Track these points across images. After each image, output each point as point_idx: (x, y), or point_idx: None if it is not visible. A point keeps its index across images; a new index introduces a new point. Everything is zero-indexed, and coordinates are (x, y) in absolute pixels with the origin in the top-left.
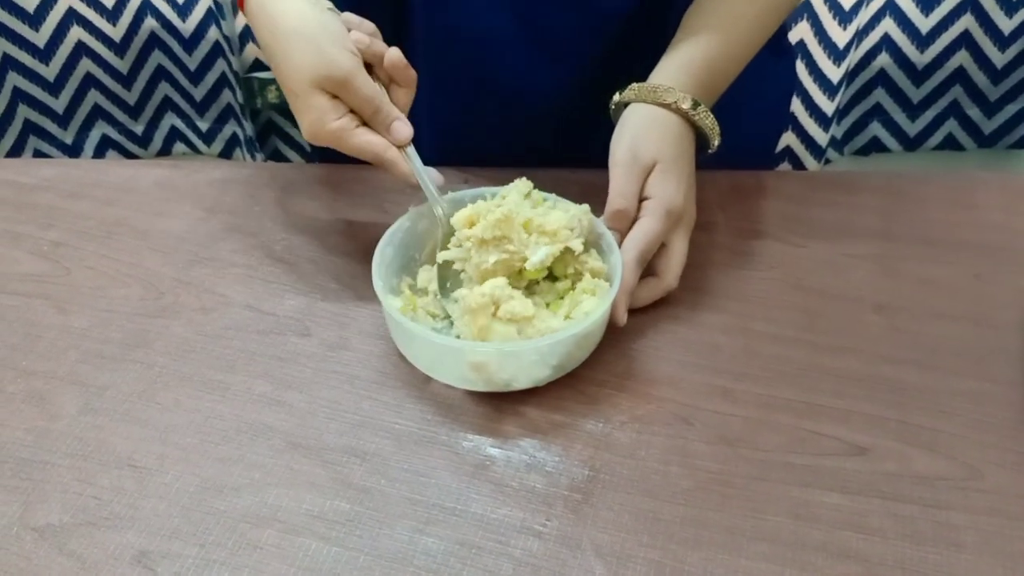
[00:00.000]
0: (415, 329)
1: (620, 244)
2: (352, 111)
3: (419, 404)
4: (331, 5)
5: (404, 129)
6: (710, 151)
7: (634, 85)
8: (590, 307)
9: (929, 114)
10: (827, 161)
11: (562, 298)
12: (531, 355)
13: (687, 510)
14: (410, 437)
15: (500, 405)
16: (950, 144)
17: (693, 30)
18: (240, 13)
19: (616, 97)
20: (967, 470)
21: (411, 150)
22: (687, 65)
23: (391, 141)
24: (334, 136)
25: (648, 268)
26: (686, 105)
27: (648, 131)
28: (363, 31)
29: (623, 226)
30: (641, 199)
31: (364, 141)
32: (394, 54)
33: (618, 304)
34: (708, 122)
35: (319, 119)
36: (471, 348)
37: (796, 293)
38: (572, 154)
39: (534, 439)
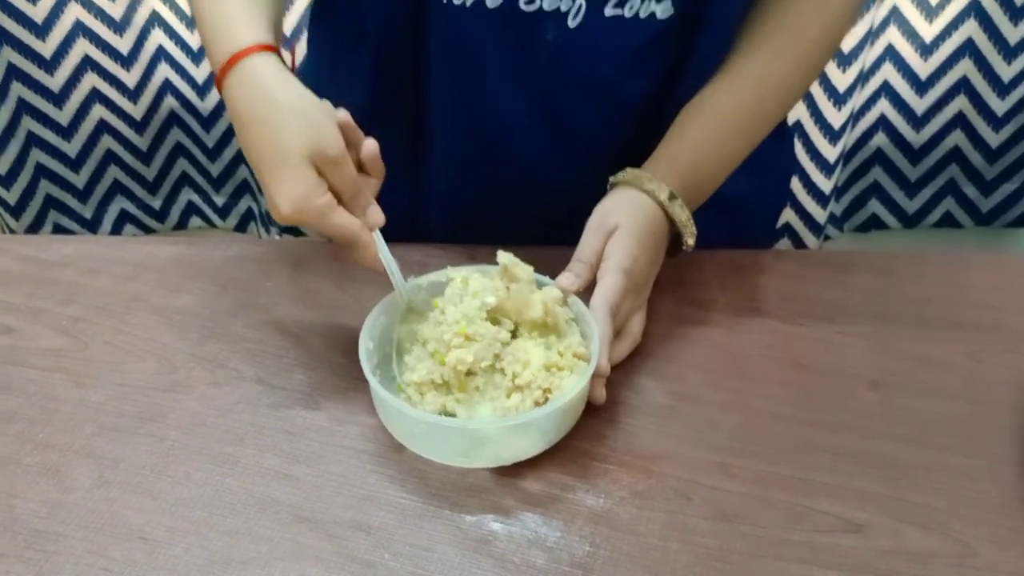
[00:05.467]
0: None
1: (564, 293)
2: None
3: (423, 478)
4: None
5: (378, 214)
6: (684, 248)
7: (628, 169)
8: (571, 383)
9: (926, 192)
10: (827, 238)
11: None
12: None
13: None
14: (414, 511)
15: (503, 480)
16: (948, 222)
17: (685, 128)
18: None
19: (611, 179)
20: (961, 547)
21: (378, 235)
22: (672, 161)
23: (366, 224)
24: (319, 211)
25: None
26: (663, 196)
27: (622, 205)
28: (339, 117)
29: (579, 270)
30: (602, 261)
31: (346, 219)
32: (371, 146)
33: (594, 384)
34: (683, 216)
35: (308, 193)
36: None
37: (793, 370)
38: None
39: (536, 514)
